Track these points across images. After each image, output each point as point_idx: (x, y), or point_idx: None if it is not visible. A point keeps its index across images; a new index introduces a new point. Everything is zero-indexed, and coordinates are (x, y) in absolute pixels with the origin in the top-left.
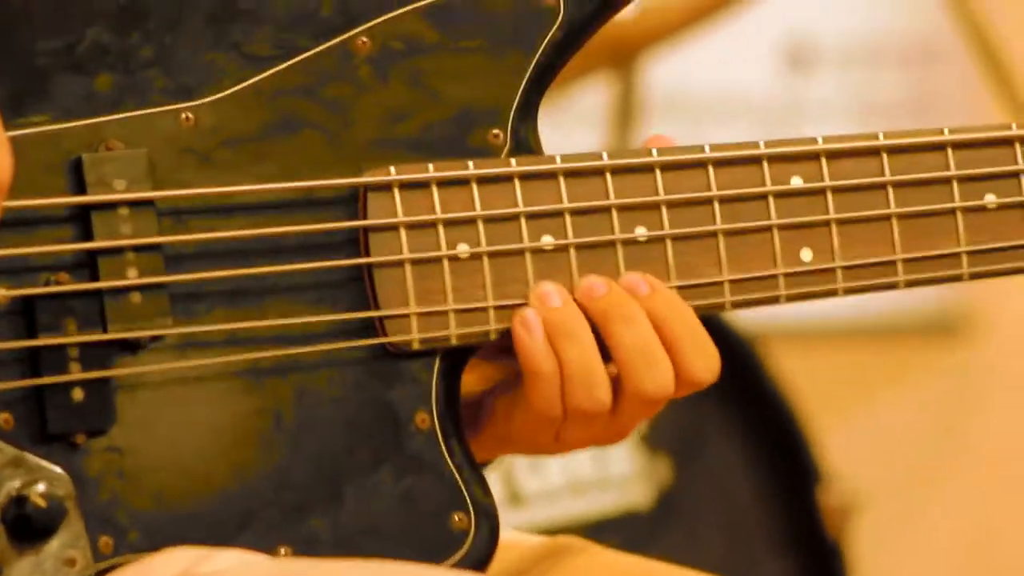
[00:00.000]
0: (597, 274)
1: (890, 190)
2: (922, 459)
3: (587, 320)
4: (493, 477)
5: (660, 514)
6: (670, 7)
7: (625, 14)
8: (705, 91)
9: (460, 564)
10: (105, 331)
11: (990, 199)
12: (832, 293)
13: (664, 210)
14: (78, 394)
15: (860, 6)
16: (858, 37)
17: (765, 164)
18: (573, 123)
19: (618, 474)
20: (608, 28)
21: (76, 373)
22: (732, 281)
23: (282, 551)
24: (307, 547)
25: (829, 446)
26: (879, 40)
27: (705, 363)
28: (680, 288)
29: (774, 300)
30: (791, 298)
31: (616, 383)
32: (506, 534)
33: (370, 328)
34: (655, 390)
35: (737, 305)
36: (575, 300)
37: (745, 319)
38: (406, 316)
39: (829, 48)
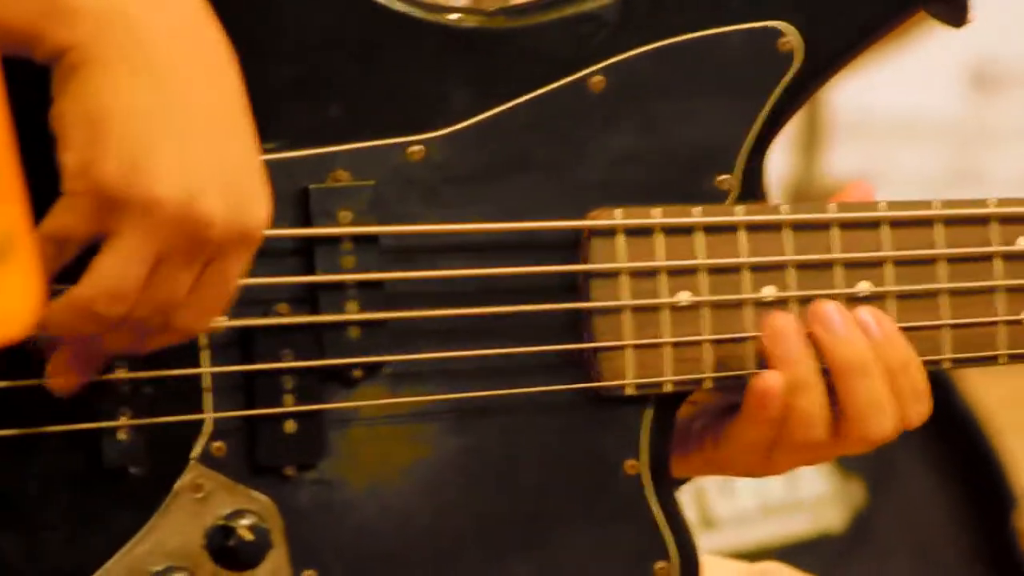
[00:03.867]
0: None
1: None
2: None
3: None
4: (684, 500)
5: (853, 537)
6: None
7: None
8: (890, 113)
9: None
10: None
11: None
12: None
13: (889, 266)
14: (291, 426)
15: None
16: None
17: (993, 224)
18: None
19: (811, 497)
20: None
21: (290, 405)
22: (953, 336)
23: None
24: None
25: None
26: None
27: (922, 411)
28: None
29: (993, 359)
30: (1012, 358)
31: (839, 425)
32: (706, 559)
33: (581, 374)
34: (880, 437)
35: (956, 362)
36: (809, 333)
37: None
38: (621, 362)
39: (1016, 70)
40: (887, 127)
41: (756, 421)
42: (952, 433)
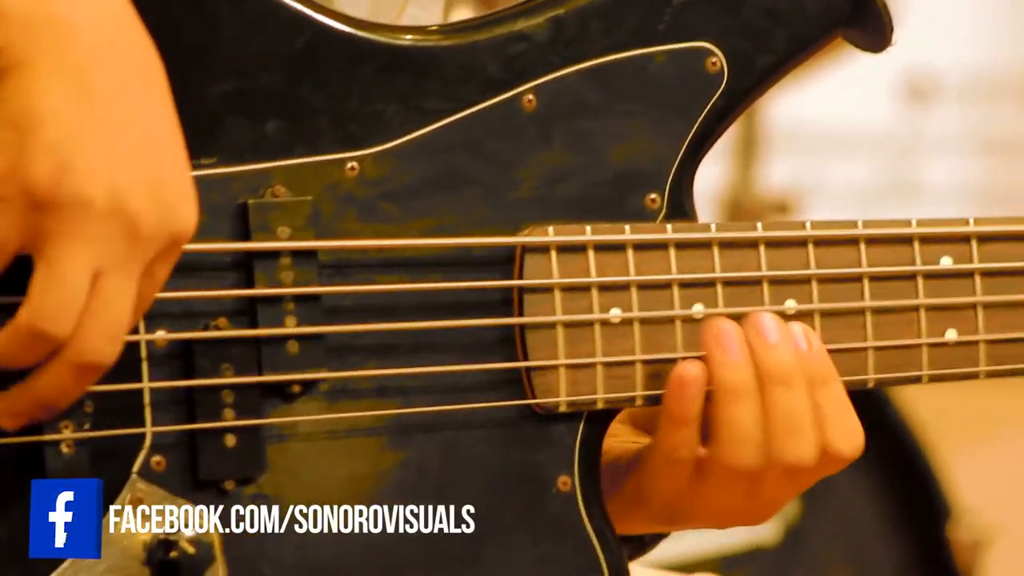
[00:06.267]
0: None
1: None
2: None
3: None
4: None
5: (787, 550)
6: None
7: None
8: (825, 125)
9: None
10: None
11: None
12: (973, 375)
13: (814, 284)
14: (230, 441)
15: (981, 40)
16: (979, 71)
17: (916, 244)
18: None
19: None
20: None
21: (230, 420)
22: (876, 356)
23: None
24: None
25: (958, 481)
26: (1000, 74)
27: (849, 438)
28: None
29: (916, 379)
30: (933, 378)
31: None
32: (639, 571)
33: (518, 390)
34: (797, 458)
35: (880, 382)
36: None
37: None
38: (555, 379)
39: (949, 82)
40: (822, 139)
41: (674, 420)
42: (886, 445)
